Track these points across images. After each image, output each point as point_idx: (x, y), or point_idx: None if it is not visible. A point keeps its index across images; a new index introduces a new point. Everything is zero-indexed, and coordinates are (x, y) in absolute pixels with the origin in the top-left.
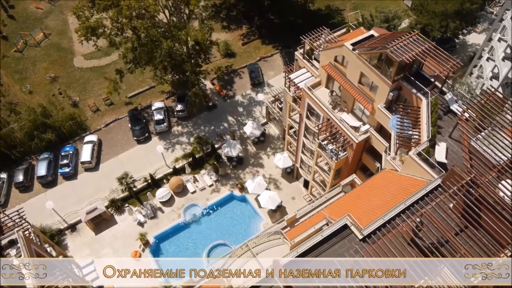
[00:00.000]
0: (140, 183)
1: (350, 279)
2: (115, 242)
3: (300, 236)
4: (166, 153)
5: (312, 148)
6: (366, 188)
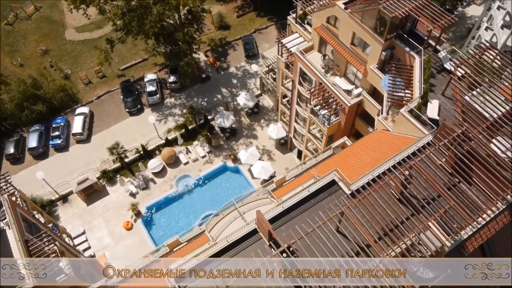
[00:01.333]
0: (132, 154)
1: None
2: (106, 212)
3: (288, 194)
4: (158, 125)
5: (305, 115)
6: (356, 147)
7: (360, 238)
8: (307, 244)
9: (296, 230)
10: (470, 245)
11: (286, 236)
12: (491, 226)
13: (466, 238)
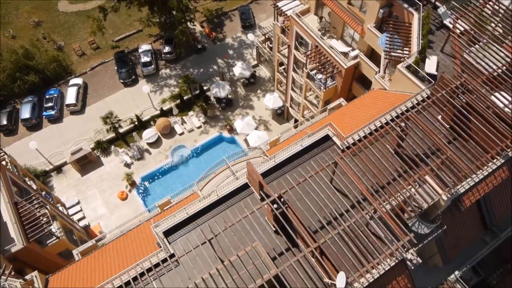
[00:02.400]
0: (127, 125)
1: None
2: (101, 183)
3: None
4: (153, 96)
5: (301, 82)
6: (351, 106)
7: (355, 192)
8: (300, 197)
9: (288, 182)
10: (467, 199)
11: (277, 188)
12: (488, 181)
13: (463, 192)
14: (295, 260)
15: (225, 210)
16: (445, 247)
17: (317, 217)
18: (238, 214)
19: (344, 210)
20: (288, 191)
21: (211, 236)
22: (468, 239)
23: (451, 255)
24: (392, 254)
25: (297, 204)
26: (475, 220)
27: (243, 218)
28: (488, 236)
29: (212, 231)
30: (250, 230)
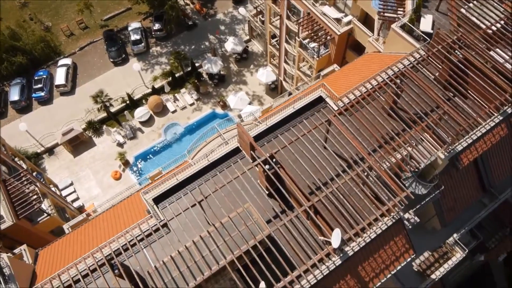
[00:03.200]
0: (118, 104)
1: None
2: (94, 163)
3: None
4: (145, 74)
5: (294, 53)
6: (345, 70)
7: (351, 151)
8: (294, 159)
9: (281, 143)
10: (465, 158)
11: (270, 149)
12: (487, 138)
13: (461, 150)
14: (288, 219)
15: (216, 175)
16: (443, 209)
17: (311, 179)
18: (229, 175)
19: (340, 170)
20: (280, 150)
21: (201, 198)
22: (466, 201)
23: (449, 217)
24: (389, 211)
25: (292, 167)
26: (473, 182)
27: (234, 179)
28: (486, 198)
29: (202, 193)
30: (241, 191)
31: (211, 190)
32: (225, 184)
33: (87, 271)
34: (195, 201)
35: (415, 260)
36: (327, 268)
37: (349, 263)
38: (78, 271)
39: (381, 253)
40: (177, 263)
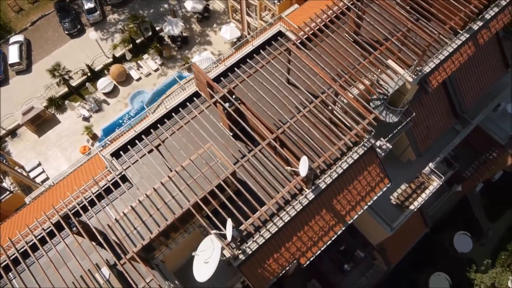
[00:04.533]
0: (79, 77)
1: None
2: (61, 141)
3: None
4: (104, 44)
5: (255, 2)
6: (305, 6)
7: (314, 80)
8: (259, 97)
9: (240, 78)
10: (433, 80)
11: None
12: (454, 58)
13: (429, 72)
14: (252, 154)
15: (176, 121)
16: (417, 139)
17: (276, 112)
18: (187, 117)
19: (304, 99)
20: (241, 87)
21: (158, 143)
22: (439, 128)
23: (423, 146)
24: (359, 136)
25: (256, 104)
26: (445, 108)
27: (192, 119)
28: (459, 125)
29: (159, 138)
30: (202, 132)
31: (168, 133)
32: (182, 126)
33: (44, 234)
34: (151, 147)
35: (393, 194)
36: (299, 203)
37: (323, 197)
38: (34, 237)
39: (356, 185)
40: (139, 213)
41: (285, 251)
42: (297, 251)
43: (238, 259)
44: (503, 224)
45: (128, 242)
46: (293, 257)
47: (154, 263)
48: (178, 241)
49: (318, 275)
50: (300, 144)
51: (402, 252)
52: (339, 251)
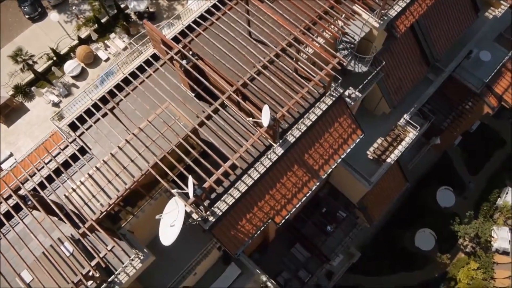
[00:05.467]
0: (44, 62)
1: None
2: (31, 129)
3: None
4: (69, 26)
5: None
6: None
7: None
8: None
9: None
10: (401, 24)
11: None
12: (421, 1)
13: (395, 16)
14: (213, 108)
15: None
16: (389, 90)
17: (237, 66)
18: (142, 76)
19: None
20: (194, 39)
21: (112, 106)
22: (412, 78)
23: (396, 97)
24: (321, 81)
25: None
26: (416, 57)
27: (147, 78)
28: (432, 74)
29: (113, 101)
30: (160, 92)
31: (123, 95)
32: (137, 86)
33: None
34: (105, 110)
35: (369, 149)
36: (268, 159)
37: (294, 152)
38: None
39: (327, 137)
40: (97, 180)
41: (258, 210)
42: (271, 210)
43: (208, 221)
44: (484, 176)
45: (87, 210)
46: (267, 216)
47: (120, 233)
48: (145, 208)
49: (302, 239)
50: (262, 95)
51: (384, 208)
52: (321, 214)
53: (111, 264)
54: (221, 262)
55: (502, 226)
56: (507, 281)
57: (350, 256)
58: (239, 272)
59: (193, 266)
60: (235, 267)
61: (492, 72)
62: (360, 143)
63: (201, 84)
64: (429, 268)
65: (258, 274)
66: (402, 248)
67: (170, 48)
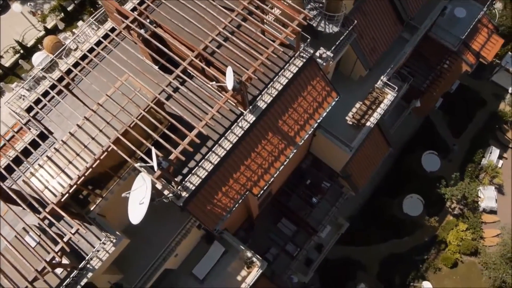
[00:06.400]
0: (11, 56)
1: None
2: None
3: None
4: (34, 18)
5: None
6: None
7: None
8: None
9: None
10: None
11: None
12: None
13: None
14: (174, 76)
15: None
16: (363, 51)
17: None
18: (97, 49)
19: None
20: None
21: (66, 82)
22: (386, 38)
23: (372, 59)
24: (289, 41)
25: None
26: (389, 15)
27: (102, 50)
28: (407, 33)
29: (68, 77)
30: (121, 66)
31: (78, 70)
32: (92, 58)
33: None
34: (60, 87)
35: (348, 114)
36: (240, 127)
37: (266, 119)
38: None
39: (301, 102)
40: (56, 162)
41: (234, 182)
42: (247, 181)
43: (181, 197)
44: (467, 138)
45: (48, 195)
46: (244, 188)
47: (89, 217)
48: (114, 189)
49: (287, 213)
50: (228, 59)
51: (368, 175)
52: (305, 186)
53: (83, 250)
54: (204, 242)
55: (488, 185)
56: (496, 239)
57: (338, 227)
58: (223, 250)
59: (173, 247)
60: (219, 245)
61: (468, 29)
62: (338, 109)
63: (165, 54)
64: (419, 233)
65: (243, 250)
66: (391, 216)
67: (126, 17)
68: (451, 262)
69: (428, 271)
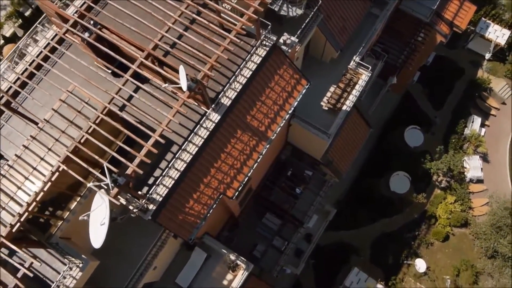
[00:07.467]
0: None
1: None
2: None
3: None
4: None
5: None
6: None
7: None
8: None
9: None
10: None
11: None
12: None
13: None
14: (123, 81)
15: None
16: (332, 31)
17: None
18: (37, 59)
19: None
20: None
21: (6, 100)
22: (355, 16)
23: (342, 39)
24: (247, 30)
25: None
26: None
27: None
28: (376, 8)
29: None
30: (62, 75)
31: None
32: (32, 71)
33: None
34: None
35: (323, 99)
36: (204, 128)
37: (233, 116)
38: None
39: (269, 93)
40: (3, 189)
41: (206, 187)
42: (220, 185)
43: (148, 210)
44: (448, 109)
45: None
46: (217, 192)
47: (50, 242)
48: (76, 210)
49: (271, 207)
50: (183, 58)
51: (350, 159)
52: (287, 177)
53: (48, 278)
54: (184, 249)
55: (472, 155)
56: (484, 208)
57: (325, 214)
58: (205, 256)
59: (149, 261)
60: (200, 251)
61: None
62: (312, 95)
63: (115, 60)
64: (408, 210)
65: (226, 254)
66: (379, 196)
67: (66, 20)
68: (442, 235)
69: (421, 247)
